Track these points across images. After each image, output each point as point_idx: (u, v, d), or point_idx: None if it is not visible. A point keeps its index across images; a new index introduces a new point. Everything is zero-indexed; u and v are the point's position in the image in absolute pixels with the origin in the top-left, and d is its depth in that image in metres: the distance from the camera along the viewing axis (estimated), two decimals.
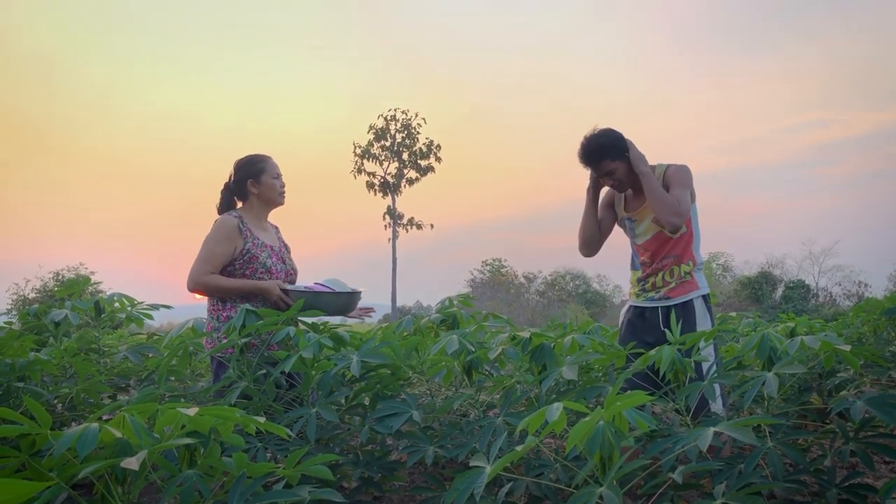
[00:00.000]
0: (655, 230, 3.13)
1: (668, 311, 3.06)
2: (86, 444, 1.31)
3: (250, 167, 3.13)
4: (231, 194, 3.16)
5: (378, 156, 31.31)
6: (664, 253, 3.12)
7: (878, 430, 2.25)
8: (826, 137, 50.24)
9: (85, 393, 2.76)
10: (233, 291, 2.94)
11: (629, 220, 3.23)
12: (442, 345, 2.32)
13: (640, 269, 3.23)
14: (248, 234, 3.03)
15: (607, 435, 1.48)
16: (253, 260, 3.00)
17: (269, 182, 3.12)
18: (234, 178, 3.16)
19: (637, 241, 3.22)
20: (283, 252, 3.19)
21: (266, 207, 3.18)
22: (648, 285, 3.18)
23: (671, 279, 3.11)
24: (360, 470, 2.27)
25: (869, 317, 4.25)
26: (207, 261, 2.94)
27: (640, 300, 3.18)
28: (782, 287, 31.75)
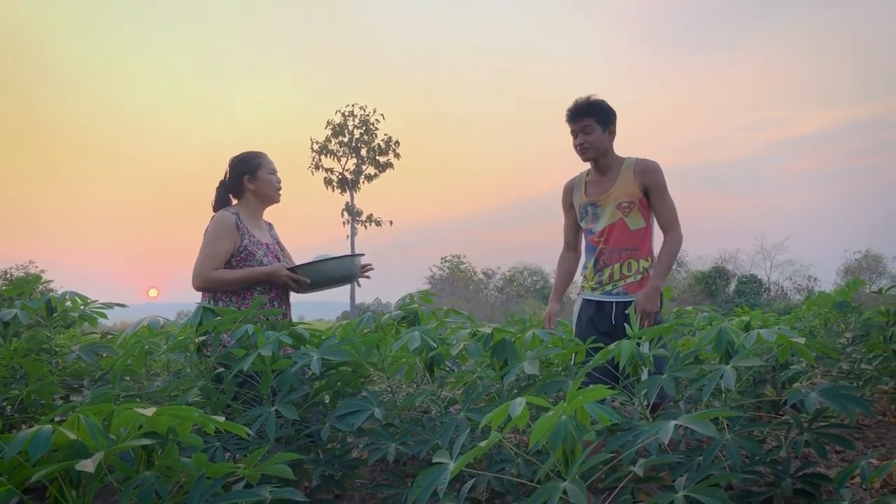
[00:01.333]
0: (617, 217, 3.14)
1: (626, 306, 3.09)
2: (38, 447, 1.27)
3: (246, 163, 3.12)
4: (227, 191, 3.16)
5: (336, 152, 31.09)
6: (622, 244, 3.14)
7: (831, 420, 2.31)
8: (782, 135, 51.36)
9: (36, 394, 2.68)
10: (241, 282, 2.95)
11: (592, 205, 3.22)
12: (404, 341, 2.31)
13: (595, 259, 3.22)
14: (245, 230, 3.03)
15: (570, 429, 1.49)
16: (249, 257, 2.99)
17: (265, 178, 3.13)
18: (229, 174, 3.15)
19: (596, 227, 3.21)
20: (277, 250, 3.18)
21: (262, 204, 3.19)
22: (605, 277, 3.18)
23: (629, 273, 3.14)
24: (321, 468, 2.25)
25: (820, 310, 4.36)
26: (211, 257, 2.94)
27: (596, 293, 3.19)
28: (735, 281, 32.40)
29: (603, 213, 3.18)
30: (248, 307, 2.94)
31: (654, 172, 3.13)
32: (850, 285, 4.17)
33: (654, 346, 2.25)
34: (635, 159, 3.18)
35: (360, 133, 31.17)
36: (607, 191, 3.17)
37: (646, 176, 3.13)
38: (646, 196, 3.15)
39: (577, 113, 3.16)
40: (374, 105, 36.71)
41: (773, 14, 51.21)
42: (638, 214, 3.14)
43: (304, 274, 3.00)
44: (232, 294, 2.99)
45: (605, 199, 3.17)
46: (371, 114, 31.39)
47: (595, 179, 3.24)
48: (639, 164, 3.15)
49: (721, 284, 31.71)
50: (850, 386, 2.96)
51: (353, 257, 3.14)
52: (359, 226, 30.56)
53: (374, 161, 31.12)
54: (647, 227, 3.17)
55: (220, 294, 3.00)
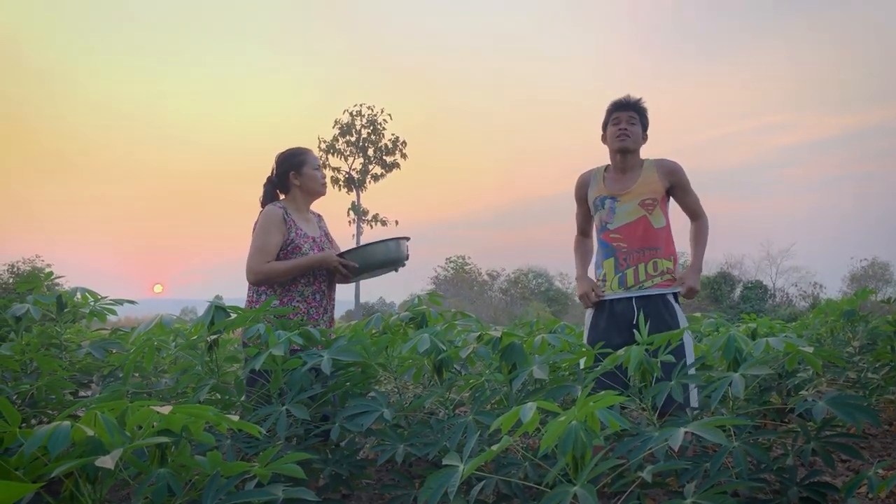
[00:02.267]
0: (640, 214, 3.11)
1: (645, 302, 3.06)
2: (58, 443, 1.29)
3: (292, 159, 3.20)
4: (273, 187, 3.23)
5: (343, 151, 31.11)
6: (647, 243, 3.10)
7: (838, 429, 2.31)
8: (787, 141, 51.23)
9: (47, 389, 2.70)
10: (294, 271, 3.01)
11: (611, 198, 3.18)
12: (413, 343, 2.32)
13: (615, 257, 3.15)
14: (293, 224, 3.10)
15: (580, 435, 1.50)
16: (296, 251, 3.06)
17: (310, 173, 3.20)
18: (276, 171, 3.22)
19: (613, 223, 3.16)
20: (323, 242, 3.24)
21: (308, 198, 3.26)
22: (630, 279, 3.11)
23: (655, 273, 3.09)
24: (330, 468, 2.27)
25: (827, 318, 4.36)
26: (264, 251, 3.00)
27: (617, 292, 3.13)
28: (741, 287, 32.32)
29: (622, 209, 3.14)
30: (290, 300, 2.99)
31: (679, 172, 3.21)
32: (858, 294, 4.17)
33: (662, 352, 2.25)
34: (655, 160, 3.22)
35: (367, 133, 31.19)
36: (629, 187, 3.15)
37: (672, 175, 3.19)
38: (667, 194, 3.19)
39: (629, 105, 3.24)
40: (381, 105, 36.71)
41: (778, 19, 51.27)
42: (660, 212, 3.13)
43: (352, 259, 3.06)
44: (277, 287, 3.04)
45: (626, 194, 3.14)
46: (378, 114, 31.41)
47: (614, 176, 3.24)
48: (661, 164, 3.20)
49: (726, 290, 31.65)
50: (858, 395, 2.97)
51: (398, 240, 3.18)
52: (365, 225, 30.58)
53: (381, 161, 31.14)
54: (668, 225, 3.17)
55: (263, 287, 3.06)
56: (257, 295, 3.05)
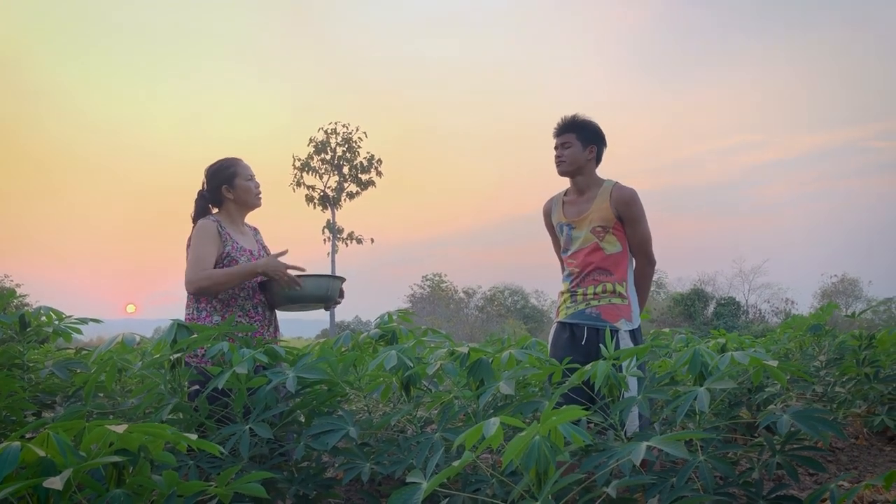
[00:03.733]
0: (591, 241, 3.12)
1: (598, 332, 3.07)
2: (6, 464, 1.25)
3: (222, 172, 3.11)
4: (206, 202, 3.14)
5: (318, 169, 31.04)
6: (594, 266, 3.12)
7: (804, 443, 2.32)
8: (759, 158, 51.95)
9: (7, 410, 2.65)
10: (234, 278, 2.93)
11: (568, 226, 3.21)
12: (380, 360, 2.31)
13: (570, 279, 3.20)
14: (228, 237, 3.03)
15: (543, 449, 1.49)
16: (232, 264, 2.99)
17: (243, 185, 3.11)
18: (207, 185, 3.13)
19: (570, 248, 3.20)
20: (261, 255, 3.17)
21: (243, 210, 3.18)
22: (579, 296, 3.15)
23: (603, 293, 3.11)
24: (296, 487, 2.23)
25: (795, 333, 4.40)
26: (199, 261, 2.92)
27: (569, 313, 3.16)
28: (714, 304, 32.61)
29: (578, 236, 3.16)
30: (231, 314, 2.93)
31: (628, 204, 3.11)
32: (823, 309, 4.21)
33: (628, 368, 2.26)
34: (613, 184, 3.16)
35: (342, 151, 31.15)
36: (583, 213, 3.16)
37: (620, 205, 3.11)
38: (620, 222, 3.13)
39: (560, 128, 3.20)
40: (358, 123, 36.77)
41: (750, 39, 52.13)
42: (613, 238, 3.12)
43: (280, 288, 3.00)
44: (217, 303, 2.97)
45: (580, 220, 3.16)
46: (354, 132, 31.41)
47: (572, 199, 3.23)
48: (615, 191, 3.13)
49: (700, 306, 31.90)
50: (823, 409, 2.99)
51: (333, 278, 3.13)
52: (340, 243, 30.46)
53: (357, 179, 31.10)
54: (624, 251, 3.15)
55: (203, 304, 2.98)
56: (197, 312, 2.99)
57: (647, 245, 3.17)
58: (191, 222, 3.14)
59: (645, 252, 3.19)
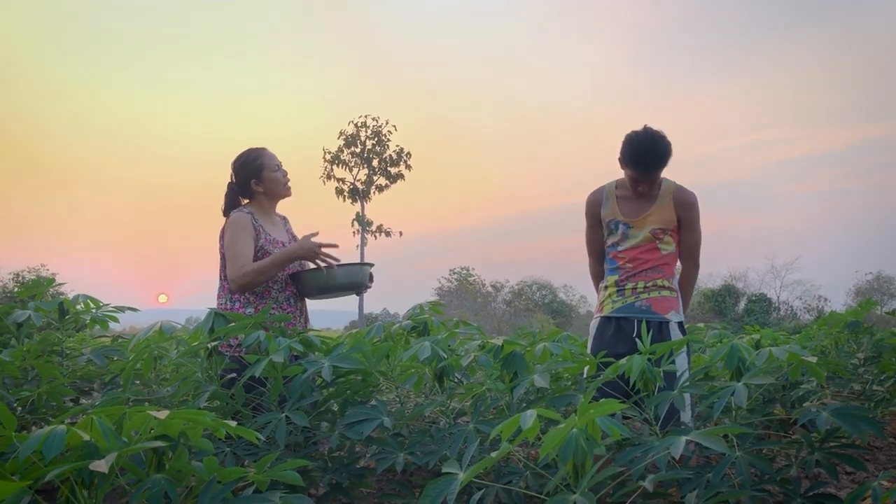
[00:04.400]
0: (650, 241, 3.10)
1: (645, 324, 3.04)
2: (53, 447, 1.28)
3: (248, 166, 3.11)
4: (236, 194, 3.15)
5: (348, 162, 31.21)
6: (652, 264, 3.10)
7: (842, 441, 2.29)
8: (792, 154, 51.11)
9: (47, 396, 2.70)
10: (274, 267, 2.95)
11: (624, 224, 3.15)
12: (414, 351, 2.31)
13: (618, 273, 3.16)
14: (261, 230, 3.04)
15: (580, 442, 1.48)
16: (266, 256, 3.00)
17: (271, 177, 3.11)
18: (235, 179, 3.14)
19: (622, 245, 3.15)
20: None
21: (273, 201, 3.19)
22: (628, 290, 3.11)
23: (653, 287, 3.09)
24: (329, 476, 2.25)
25: (831, 330, 4.33)
26: (240, 257, 2.94)
27: (616, 307, 3.13)
28: (745, 300, 32.28)
29: (635, 235, 3.12)
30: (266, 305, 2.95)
31: (691, 207, 3.11)
32: (862, 305, 4.14)
33: (665, 362, 2.24)
34: (674, 186, 3.12)
35: (372, 144, 31.29)
36: (643, 213, 3.11)
37: (683, 209, 3.10)
38: (678, 224, 3.13)
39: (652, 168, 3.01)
40: (386, 116, 36.88)
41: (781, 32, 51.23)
42: (670, 240, 3.12)
43: (311, 278, 3.02)
44: (250, 295, 3.00)
45: (639, 221, 3.11)
46: (383, 125, 31.53)
47: (627, 195, 3.15)
48: (678, 194, 3.10)
49: (731, 303, 31.59)
50: (862, 407, 2.95)
51: (363, 265, 3.13)
52: (369, 236, 30.63)
53: (386, 172, 31.22)
54: (676, 251, 3.17)
55: (237, 295, 3.01)
56: (231, 303, 3.01)
57: (698, 249, 3.18)
58: (221, 214, 3.16)
59: (694, 256, 3.20)
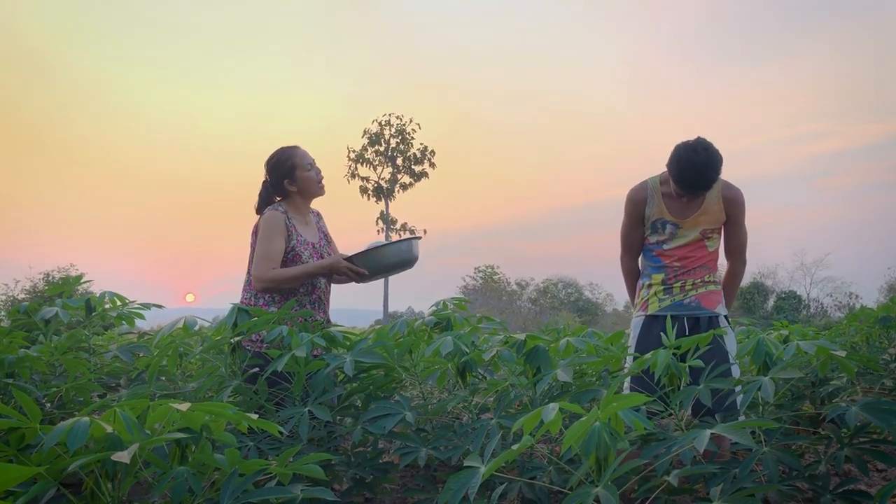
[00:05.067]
0: (698, 240, 3.07)
1: (698, 321, 3.02)
2: (76, 439, 1.29)
3: (281, 166, 3.11)
4: (270, 194, 3.16)
5: (372, 160, 31.31)
6: (700, 262, 3.07)
7: (872, 436, 2.25)
8: (822, 149, 50.36)
9: (74, 391, 2.73)
10: (302, 278, 2.96)
11: (672, 224, 3.09)
12: (436, 346, 2.31)
13: (665, 272, 3.11)
14: (294, 230, 3.04)
15: (603, 436, 1.47)
16: (296, 259, 3.02)
17: (304, 176, 3.11)
18: (269, 179, 3.15)
19: (669, 244, 3.10)
20: (322, 248, 3.18)
21: (307, 199, 3.19)
22: (675, 288, 3.08)
23: (701, 283, 3.06)
24: (353, 471, 2.25)
25: (862, 326, 4.25)
26: (268, 258, 2.94)
27: (664, 305, 3.08)
28: (774, 297, 31.88)
29: (684, 234, 3.08)
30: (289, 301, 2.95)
31: (739, 204, 3.08)
32: (894, 300, 4.06)
33: (690, 357, 2.21)
34: (723, 183, 3.06)
35: (396, 142, 31.36)
36: (692, 214, 3.06)
37: (732, 206, 3.07)
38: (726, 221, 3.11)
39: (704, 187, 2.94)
40: (410, 114, 36.95)
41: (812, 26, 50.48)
42: (717, 237, 3.11)
43: (362, 263, 2.98)
44: (275, 293, 3.00)
45: (689, 221, 3.06)
46: (407, 123, 31.58)
47: (672, 192, 3.06)
48: (726, 191, 3.05)
49: (759, 300, 31.23)
50: (893, 402, 2.89)
51: (410, 241, 3.09)
52: (393, 234, 30.69)
53: (410, 170, 31.27)
54: (719, 246, 3.16)
55: (260, 294, 3.02)
56: (255, 300, 3.01)
57: (745, 246, 3.16)
58: (253, 211, 3.17)
59: (741, 253, 3.17)
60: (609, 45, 50.29)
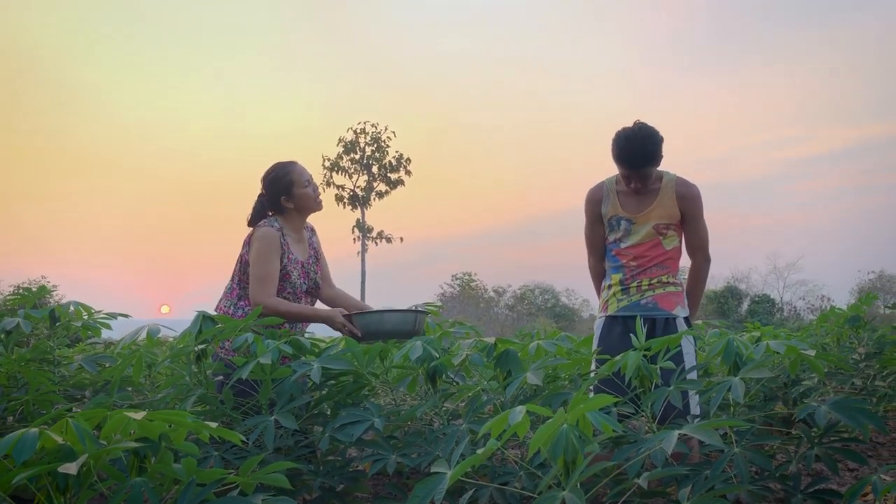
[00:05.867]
0: (653, 237, 3.05)
1: (652, 322, 3.00)
2: (23, 450, 1.24)
3: (278, 183, 3.06)
4: (265, 208, 3.11)
5: (347, 169, 31.20)
6: (657, 261, 3.05)
7: (842, 435, 2.25)
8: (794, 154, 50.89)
9: (36, 404, 2.66)
10: (296, 318, 2.93)
11: (626, 220, 3.10)
12: (405, 351, 2.28)
13: (623, 271, 3.11)
14: (286, 248, 3.00)
15: (571, 438, 1.44)
16: (286, 278, 2.97)
17: (301, 193, 3.06)
18: (266, 194, 3.09)
19: (625, 242, 3.10)
20: (310, 265, 3.13)
21: (303, 215, 3.14)
22: (632, 289, 3.07)
23: (658, 284, 3.05)
24: (321, 479, 2.21)
25: (832, 327, 4.29)
26: (267, 281, 2.90)
27: (622, 305, 3.08)
28: (748, 301, 32.18)
29: (638, 231, 3.07)
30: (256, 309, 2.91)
31: (694, 200, 3.06)
32: (862, 300, 4.10)
33: (661, 359, 2.20)
34: (675, 178, 3.07)
35: (371, 150, 31.28)
36: (645, 209, 3.06)
37: (686, 202, 3.05)
38: (682, 218, 3.09)
39: (638, 164, 2.97)
40: (386, 121, 36.90)
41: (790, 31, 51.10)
42: (674, 234, 3.08)
43: (360, 323, 2.86)
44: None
45: (642, 216, 3.06)
46: (382, 131, 31.52)
47: (627, 190, 3.09)
48: (680, 187, 3.05)
49: (733, 304, 31.50)
50: (862, 399, 2.90)
51: (415, 313, 2.92)
52: (369, 242, 30.59)
53: (386, 178, 31.20)
54: (679, 246, 3.13)
55: (244, 302, 2.98)
56: (234, 309, 2.98)
57: (706, 243, 3.13)
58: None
59: (702, 249, 3.15)
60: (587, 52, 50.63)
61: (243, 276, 3.03)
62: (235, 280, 3.06)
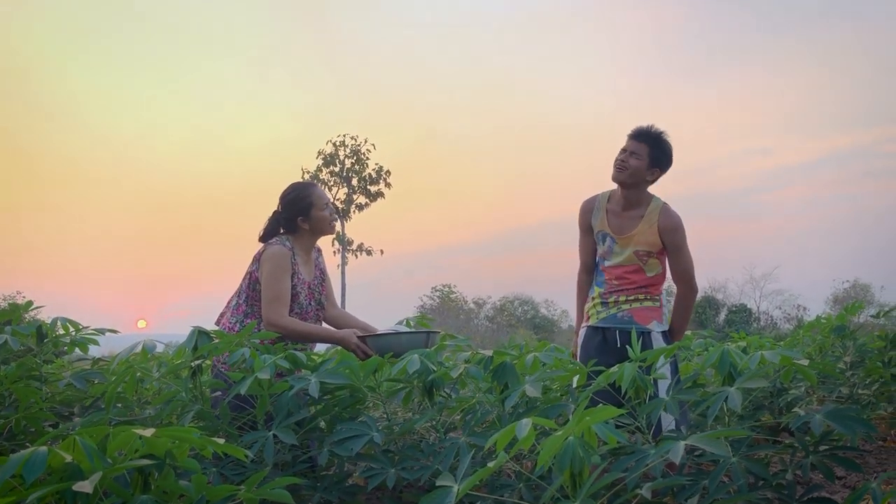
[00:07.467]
0: (634, 262, 3.09)
1: (627, 335, 3.03)
2: (34, 469, 1.23)
3: (298, 203, 3.05)
4: (278, 226, 3.10)
5: (327, 181, 31.15)
6: (636, 286, 3.09)
7: (834, 443, 2.28)
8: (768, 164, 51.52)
9: (25, 421, 2.63)
10: (309, 338, 2.93)
11: (611, 238, 3.14)
12: (402, 365, 2.28)
13: (604, 286, 3.15)
14: (295, 269, 2.99)
15: (577, 450, 1.46)
16: (294, 299, 2.96)
17: (319, 215, 3.06)
18: (282, 213, 3.08)
19: (609, 260, 3.15)
20: (315, 286, 3.13)
21: (315, 237, 3.14)
22: (611, 302, 3.11)
23: (635, 300, 3.09)
24: (319, 494, 2.20)
25: (816, 336, 4.35)
26: (281, 301, 2.89)
27: (601, 317, 3.13)
28: (725, 311, 32.44)
29: (620, 252, 3.11)
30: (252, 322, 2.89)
31: (674, 232, 3.08)
32: (847, 309, 4.16)
33: (654, 371, 2.22)
34: (661, 206, 3.10)
35: (351, 163, 31.28)
36: (628, 232, 3.10)
37: (666, 234, 3.07)
38: (664, 247, 3.11)
39: (637, 134, 3.07)
40: (366, 133, 36.92)
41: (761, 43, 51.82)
42: (656, 262, 3.11)
43: (374, 345, 2.86)
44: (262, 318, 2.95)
45: (624, 239, 3.10)
46: (362, 143, 31.54)
47: (617, 209, 3.14)
48: (663, 217, 3.07)
49: (711, 314, 31.75)
50: (855, 408, 2.95)
51: (429, 333, 2.94)
52: (349, 255, 30.54)
53: (365, 191, 31.20)
54: (664, 272, 3.15)
55: (251, 319, 2.97)
56: (240, 326, 2.97)
57: (690, 272, 3.13)
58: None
59: (687, 280, 3.15)
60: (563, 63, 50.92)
61: (252, 292, 3.01)
62: (243, 297, 3.04)
